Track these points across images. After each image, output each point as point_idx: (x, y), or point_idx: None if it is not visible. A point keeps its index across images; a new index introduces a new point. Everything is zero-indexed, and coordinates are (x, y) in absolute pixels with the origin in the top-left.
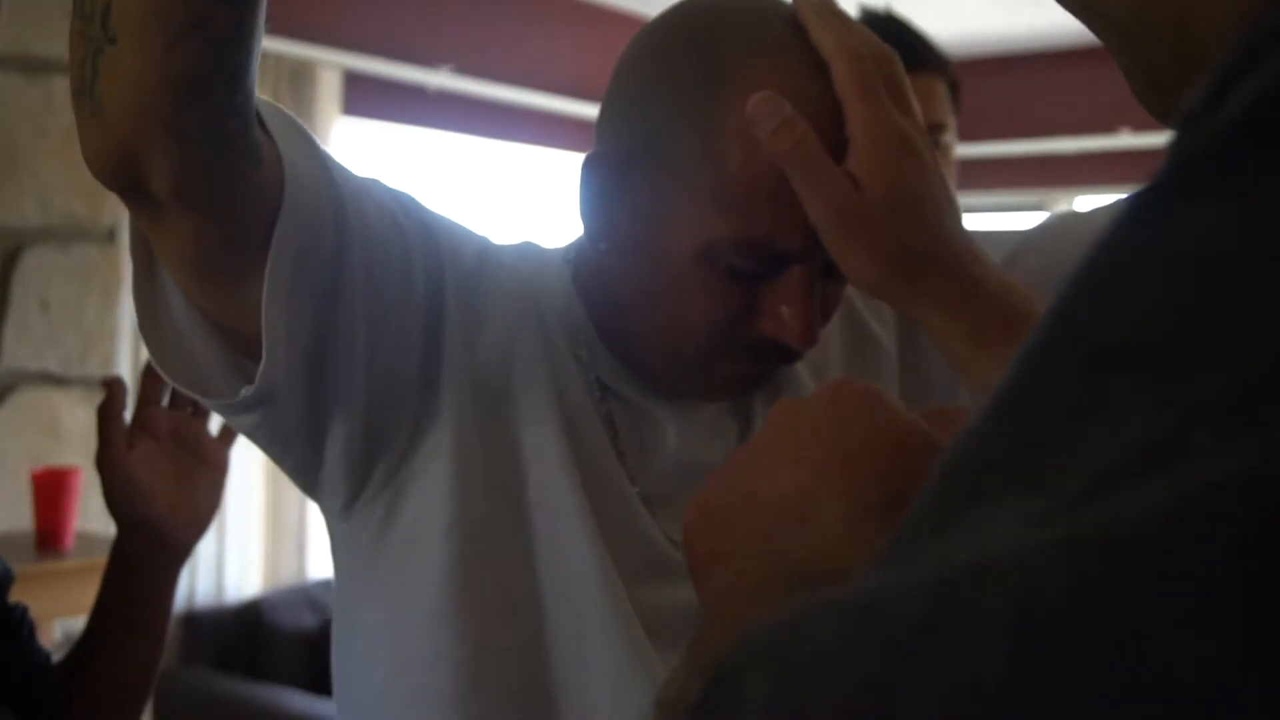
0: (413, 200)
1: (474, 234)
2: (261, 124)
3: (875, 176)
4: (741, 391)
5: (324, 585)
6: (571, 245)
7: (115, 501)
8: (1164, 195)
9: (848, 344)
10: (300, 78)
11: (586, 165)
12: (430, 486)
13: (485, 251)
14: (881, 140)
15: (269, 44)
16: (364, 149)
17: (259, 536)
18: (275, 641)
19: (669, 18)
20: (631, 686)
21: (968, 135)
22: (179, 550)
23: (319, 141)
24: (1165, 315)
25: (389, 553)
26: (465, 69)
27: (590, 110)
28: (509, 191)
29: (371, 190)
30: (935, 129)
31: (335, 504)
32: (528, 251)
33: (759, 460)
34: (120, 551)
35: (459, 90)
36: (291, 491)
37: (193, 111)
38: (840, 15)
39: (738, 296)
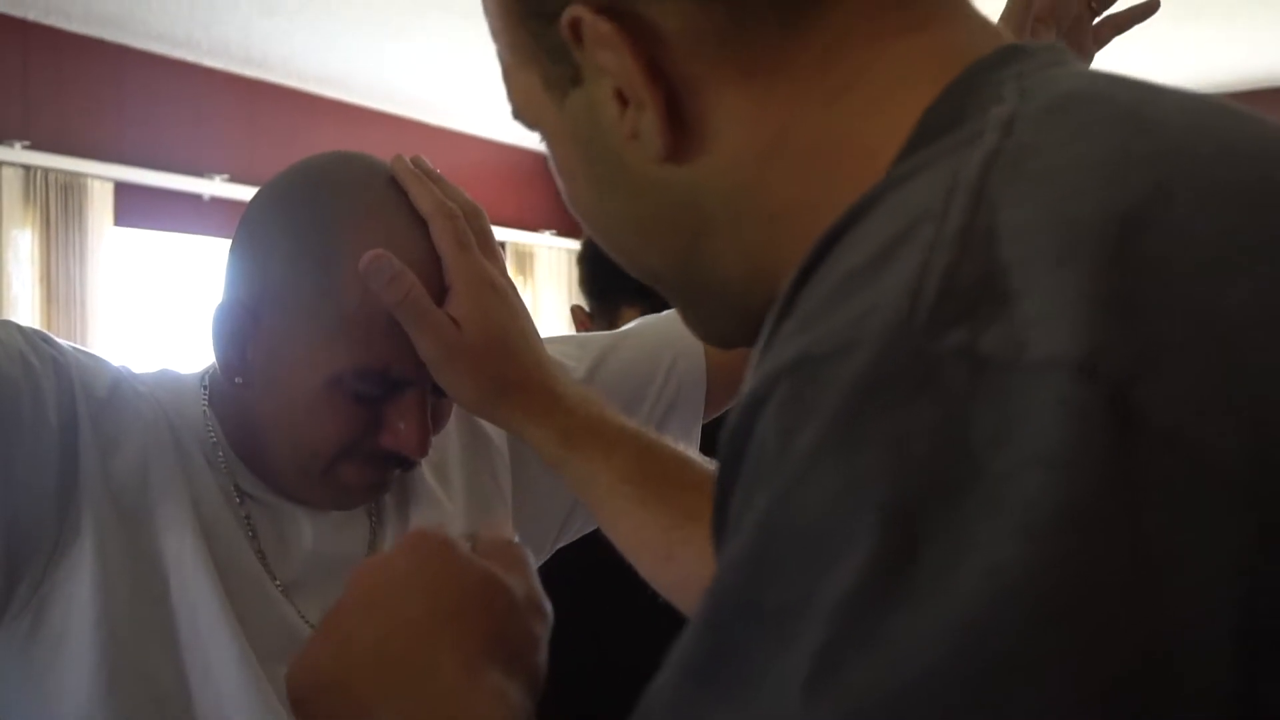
0: (46, 339)
1: (109, 366)
2: None
3: (471, 318)
4: (367, 497)
5: None
6: (205, 371)
7: None
8: None
9: (464, 444)
10: (71, 189)
11: (219, 313)
12: (75, 592)
13: (119, 381)
14: (475, 287)
15: (40, 159)
16: (135, 258)
17: None
18: None
19: (288, 181)
20: None
21: None
22: None
23: None
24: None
25: (36, 657)
26: (237, 177)
27: None
28: None
29: None
30: None
31: None
32: (164, 378)
33: (364, 618)
34: None
35: (232, 197)
36: None
37: None
38: (434, 175)
39: (362, 416)
